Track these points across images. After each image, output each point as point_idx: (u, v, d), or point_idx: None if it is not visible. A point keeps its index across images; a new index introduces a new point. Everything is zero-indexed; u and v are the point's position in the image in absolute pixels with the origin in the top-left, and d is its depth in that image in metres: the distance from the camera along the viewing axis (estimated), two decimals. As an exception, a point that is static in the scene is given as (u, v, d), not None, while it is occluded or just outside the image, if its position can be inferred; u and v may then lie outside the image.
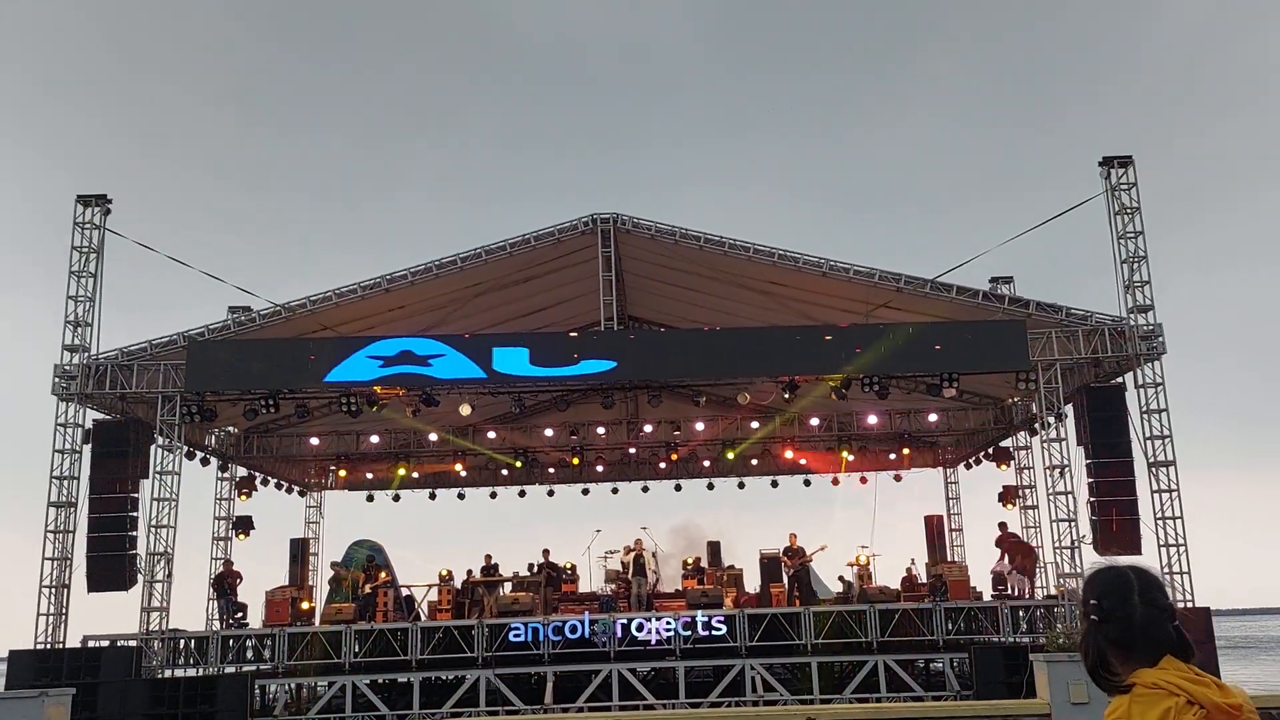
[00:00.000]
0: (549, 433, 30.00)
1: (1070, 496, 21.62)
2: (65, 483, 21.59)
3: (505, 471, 32.46)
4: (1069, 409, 22.47)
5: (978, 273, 25.02)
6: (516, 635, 21.26)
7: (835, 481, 33.17)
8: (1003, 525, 26.40)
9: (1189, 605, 20.54)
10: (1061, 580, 21.67)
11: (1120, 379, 22.28)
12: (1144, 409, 21.42)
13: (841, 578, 27.95)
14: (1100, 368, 22.38)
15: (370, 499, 33.29)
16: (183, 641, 21.66)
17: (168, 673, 20.70)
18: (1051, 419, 22.13)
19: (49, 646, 20.63)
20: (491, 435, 30.66)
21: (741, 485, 33.71)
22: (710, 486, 33.69)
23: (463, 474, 31.95)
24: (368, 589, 24.69)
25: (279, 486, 31.40)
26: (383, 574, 26.33)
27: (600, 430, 29.70)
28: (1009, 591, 24.68)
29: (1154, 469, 21.25)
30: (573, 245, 23.71)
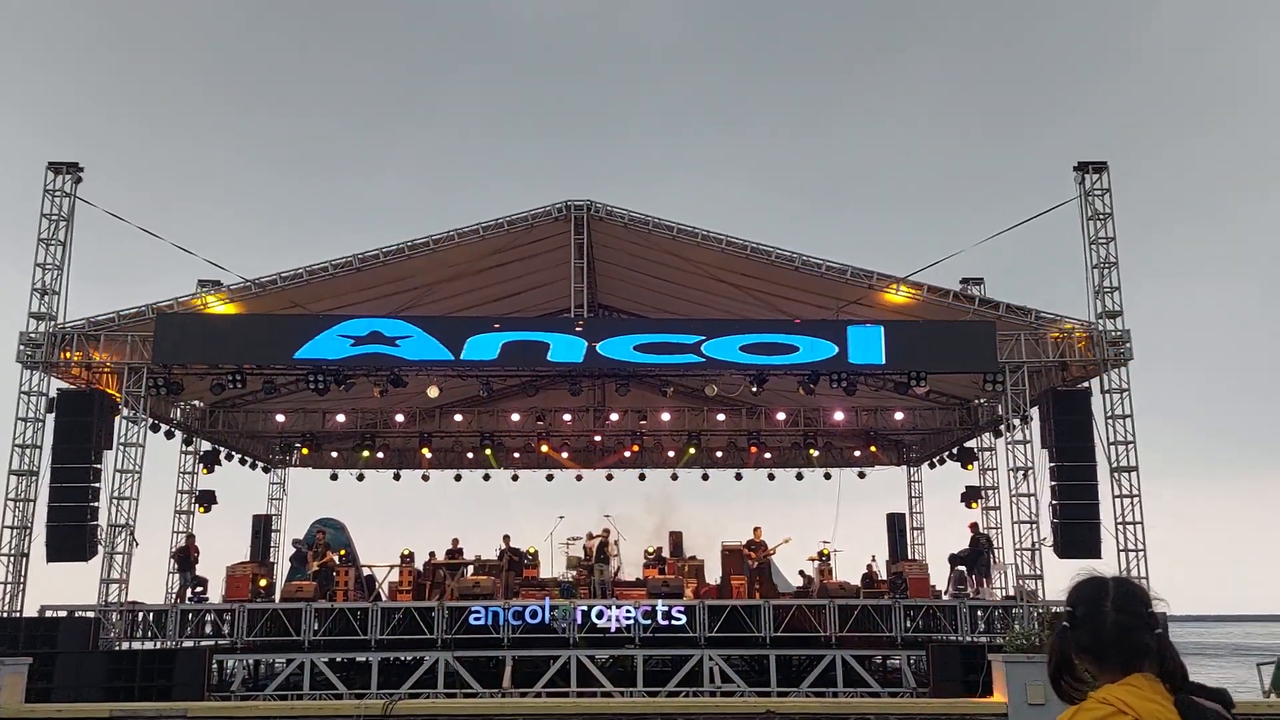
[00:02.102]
0: (515, 417, 29.99)
1: (1033, 499, 21.85)
2: (27, 451, 21.35)
3: (471, 454, 32.40)
4: (1035, 411, 22.70)
5: (949, 273, 25.11)
6: (477, 618, 21.26)
7: (799, 476, 33.45)
8: (974, 525, 26.68)
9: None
10: (1021, 581, 21.91)
11: (1087, 383, 22.53)
12: (1109, 414, 21.68)
13: (802, 572, 28.13)
14: (1067, 371, 22.61)
15: (334, 478, 33.15)
16: (141, 614, 21.50)
17: (125, 645, 20.55)
18: (1017, 421, 22.33)
19: (6, 615, 20.42)
20: (458, 418, 30.60)
21: (705, 477, 33.86)
22: (674, 477, 33.80)
23: (428, 456, 31.85)
24: (316, 566, 24.58)
25: (243, 462, 31.19)
26: (336, 554, 26.22)
27: (566, 417, 29.70)
28: (966, 590, 25.00)
29: (1116, 474, 21.51)
30: (546, 231, 23.70)
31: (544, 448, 31.56)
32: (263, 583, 25.21)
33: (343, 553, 27.73)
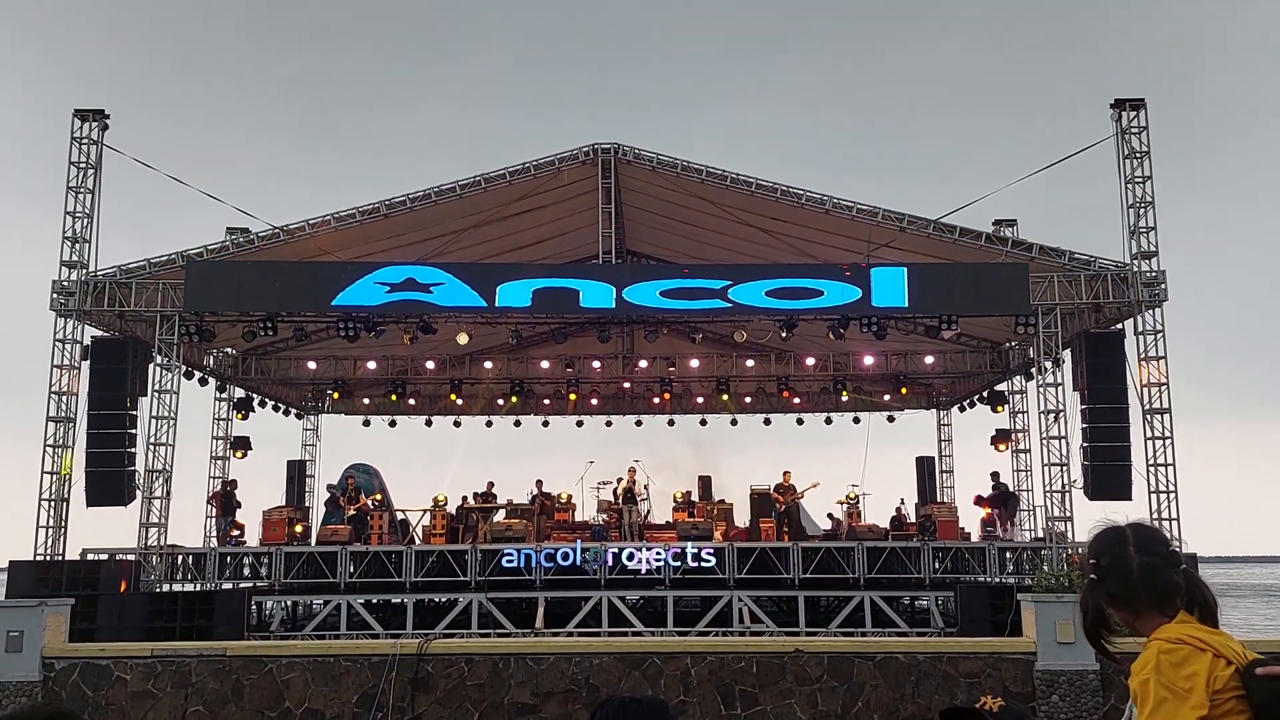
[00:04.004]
0: (545, 364, 30.06)
1: (1064, 441, 21.75)
2: (64, 398, 21.64)
3: (501, 401, 32.57)
4: (1066, 354, 22.53)
5: (983, 216, 24.82)
6: (509, 561, 21.52)
7: (828, 420, 33.49)
8: (995, 475, 26.65)
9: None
10: (1050, 523, 21.89)
11: (1120, 325, 22.30)
12: (1142, 356, 21.47)
13: (831, 515, 28.26)
14: (1101, 313, 22.37)
15: (367, 424, 33.45)
16: (180, 557, 21.90)
17: (165, 587, 20.96)
18: (1049, 364, 22.17)
19: (48, 558, 20.83)
20: (488, 365, 30.72)
21: (734, 422, 33.92)
22: (703, 423, 33.91)
23: (459, 402, 32.05)
24: (352, 510, 24.94)
25: (276, 409, 31.52)
26: (370, 497, 26.58)
27: (596, 364, 29.74)
28: (996, 533, 25.07)
29: (1149, 416, 21.35)
30: (573, 175, 23.56)
31: (571, 396, 31.68)
32: (299, 528, 25.59)
33: (377, 497, 28.06)
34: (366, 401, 33.40)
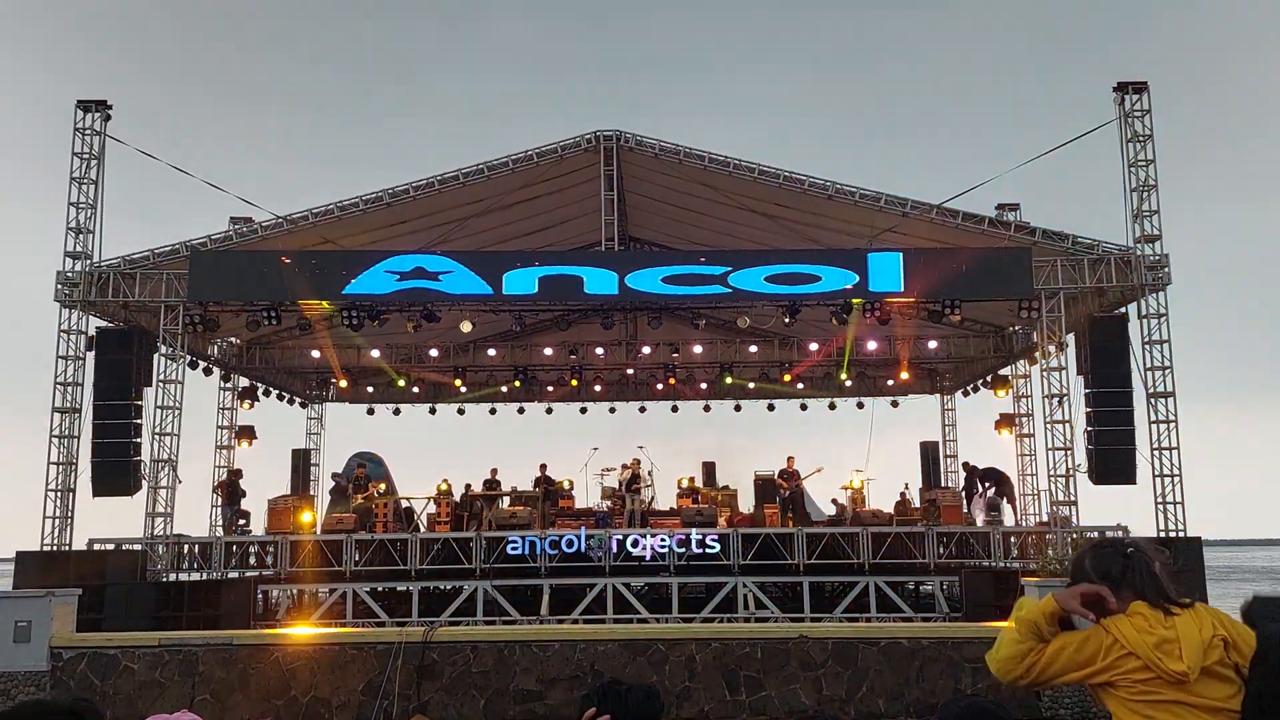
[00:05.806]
0: (548, 351, 30.07)
1: (1068, 425, 21.74)
2: (69, 389, 21.69)
3: (505, 389, 32.59)
4: (1070, 338, 22.50)
5: (986, 200, 24.71)
6: (514, 548, 21.57)
7: (832, 406, 33.49)
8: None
9: (1181, 535, 20.77)
10: (1055, 508, 21.90)
11: (1124, 309, 22.27)
12: (1146, 340, 21.43)
13: (835, 500, 28.27)
14: (1104, 297, 22.33)
15: (370, 412, 33.51)
16: (187, 546, 21.98)
17: (172, 577, 21.04)
18: (1052, 348, 22.14)
19: (55, 549, 20.92)
20: (491, 353, 30.74)
21: (738, 408, 33.93)
22: (707, 408, 33.91)
23: (462, 389, 32.07)
24: (359, 499, 25.00)
25: (280, 398, 31.57)
26: (378, 485, 26.65)
27: (599, 351, 29.73)
28: (1000, 517, 25.04)
29: (1153, 400, 21.33)
30: (575, 163, 23.53)
31: (574, 382, 31.69)
32: (304, 516, 25.63)
33: (382, 486, 28.14)
34: (370, 389, 33.44)
